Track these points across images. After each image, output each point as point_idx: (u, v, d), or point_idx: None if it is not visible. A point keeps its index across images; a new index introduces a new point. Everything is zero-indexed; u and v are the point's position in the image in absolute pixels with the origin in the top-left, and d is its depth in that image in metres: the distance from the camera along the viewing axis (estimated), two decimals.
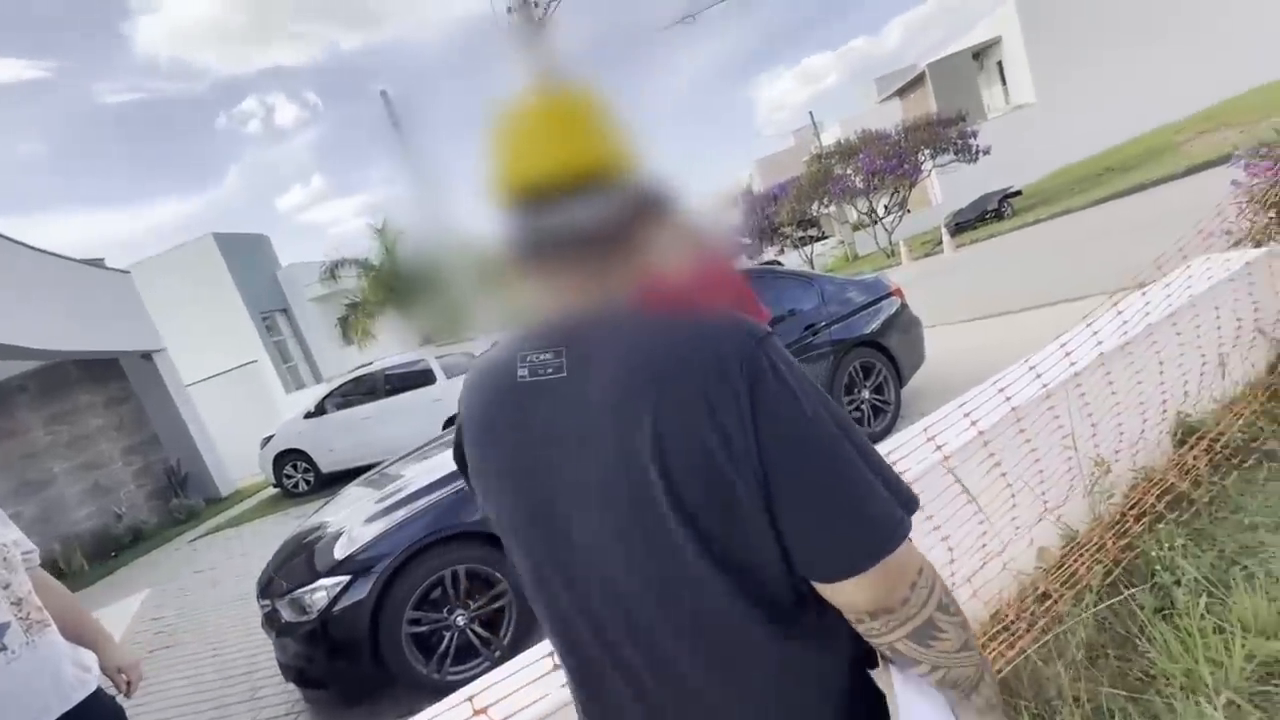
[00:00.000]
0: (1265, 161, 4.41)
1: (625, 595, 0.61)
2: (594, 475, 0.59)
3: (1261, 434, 2.32)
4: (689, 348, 0.57)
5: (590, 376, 0.60)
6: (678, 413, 0.54)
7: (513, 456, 0.66)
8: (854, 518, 0.55)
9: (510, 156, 0.63)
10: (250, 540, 7.06)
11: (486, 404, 0.70)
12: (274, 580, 2.86)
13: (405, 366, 7.89)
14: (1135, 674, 1.61)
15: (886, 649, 0.61)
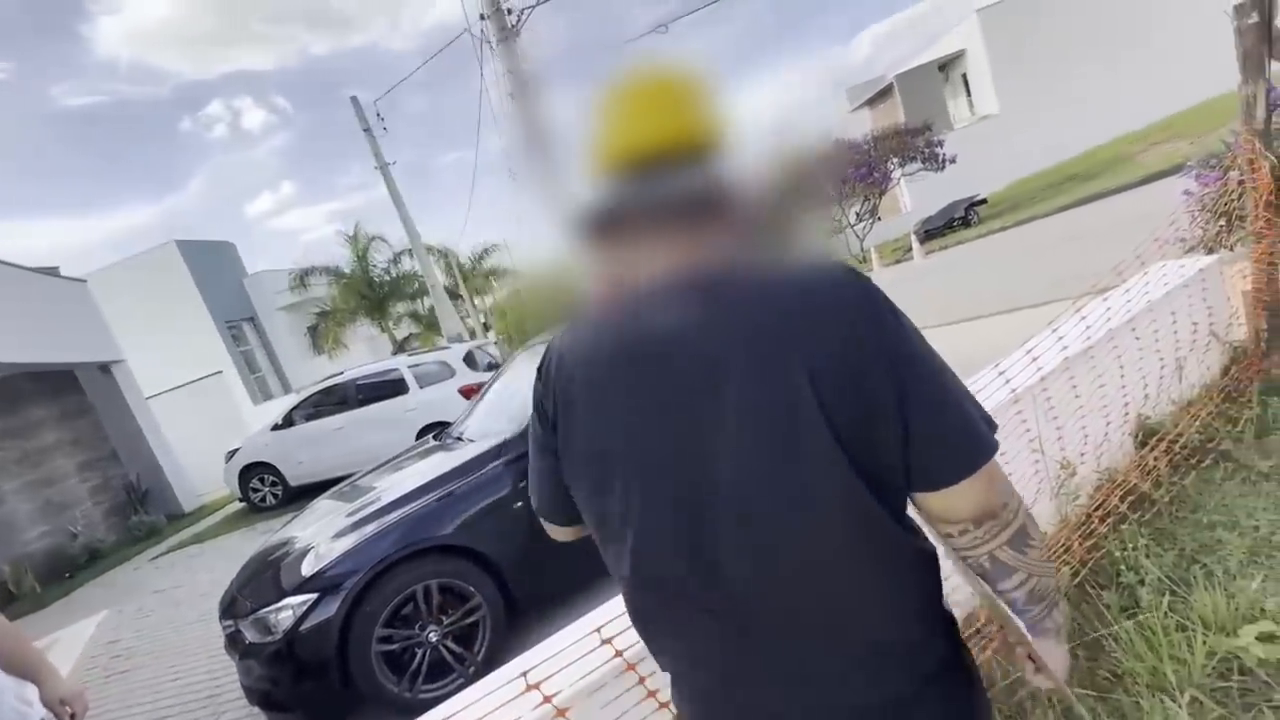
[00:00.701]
0: (1215, 172, 4.60)
1: (769, 523, 0.64)
2: (746, 414, 0.63)
3: (1217, 435, 2.39)
4: (821, 292, 0.64)
5: (726, 324, 0.64)
6: (827, 349, 0.61)
7: (643, 409, 0.67)
8: (964, 428, 0.65)
9: (627, 126, 0.69)
10: (214, 557, 6.82)
11: (605, 364, 0.70)
12: (237, 600, 2.76)
13: (377, 376, 7.74)
14: (1103, 673, 1.64)
15: (986, 559, 0.69)
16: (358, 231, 17.70)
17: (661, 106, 0.69)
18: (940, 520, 0.69)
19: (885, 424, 0.62)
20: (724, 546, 0.65)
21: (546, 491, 0.83)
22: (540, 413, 0.78)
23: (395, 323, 19.00)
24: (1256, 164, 2.50)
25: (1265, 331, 2.67)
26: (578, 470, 0.74)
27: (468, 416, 3.98)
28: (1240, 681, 1.48)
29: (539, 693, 1.06)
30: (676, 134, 0.67)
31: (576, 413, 0.72)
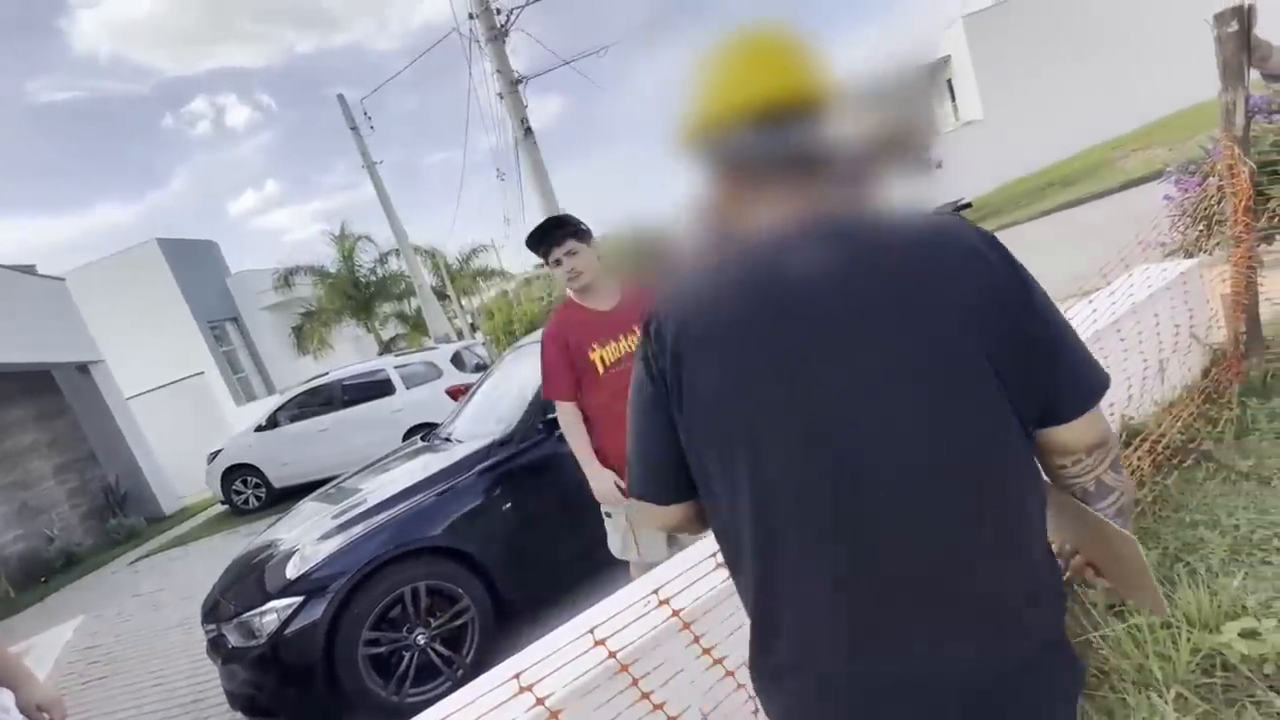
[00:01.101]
0: (1194, 177, 4.69)
1: (932, 470, 0.64)
2: (905, 358, 0.64)
3: (1199, 435, 2.44)
4: (953, 239, 0.67)
5: (868, 271, 0.65)
6: (973, 292, 0.64)
7: (788, 358, 0.66)
8: (1087, 364, 0.70)
9: (752, 78, 0.69)
10: (196, 560, 6.71)
11: (739, 315, 0.68)
12: (220, 603, 2.71)
13: (363, 376, 7.66)
14: (1091, 671, 1.66)
15: (1092, 483, 0.75)
16: (344, 231, 17.53)
17: (783, 61, 0.71)
18: (1060, 453, 0.73)
19: (1029, 362, 0.66)
20: (877, 499, 0.65)
21: (657, 458, 0.75)
22: (653, 373, 0.73)
23: (381, 323, 18.83)
24: (1235, 169, 2.55)
25: (1244, 334, 2.72)
26: (706, 429, 0.69)
27: (456, 417, 3.95)
28: (1224, 678, 1.51)
29: (532, 694, 1.05)
30: (798, 88, 0.69)
31: (706, 367, 0.68)
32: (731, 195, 0.72)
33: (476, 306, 24.13)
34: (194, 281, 17.35)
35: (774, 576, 0.70)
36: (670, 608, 1.17)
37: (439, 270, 21.37)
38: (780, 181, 0.70)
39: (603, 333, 2.11)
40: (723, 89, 0.71)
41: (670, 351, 0.70)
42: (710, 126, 0.71)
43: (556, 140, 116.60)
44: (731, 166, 0.72)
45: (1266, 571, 1.78)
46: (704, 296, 0.70)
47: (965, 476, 0.65)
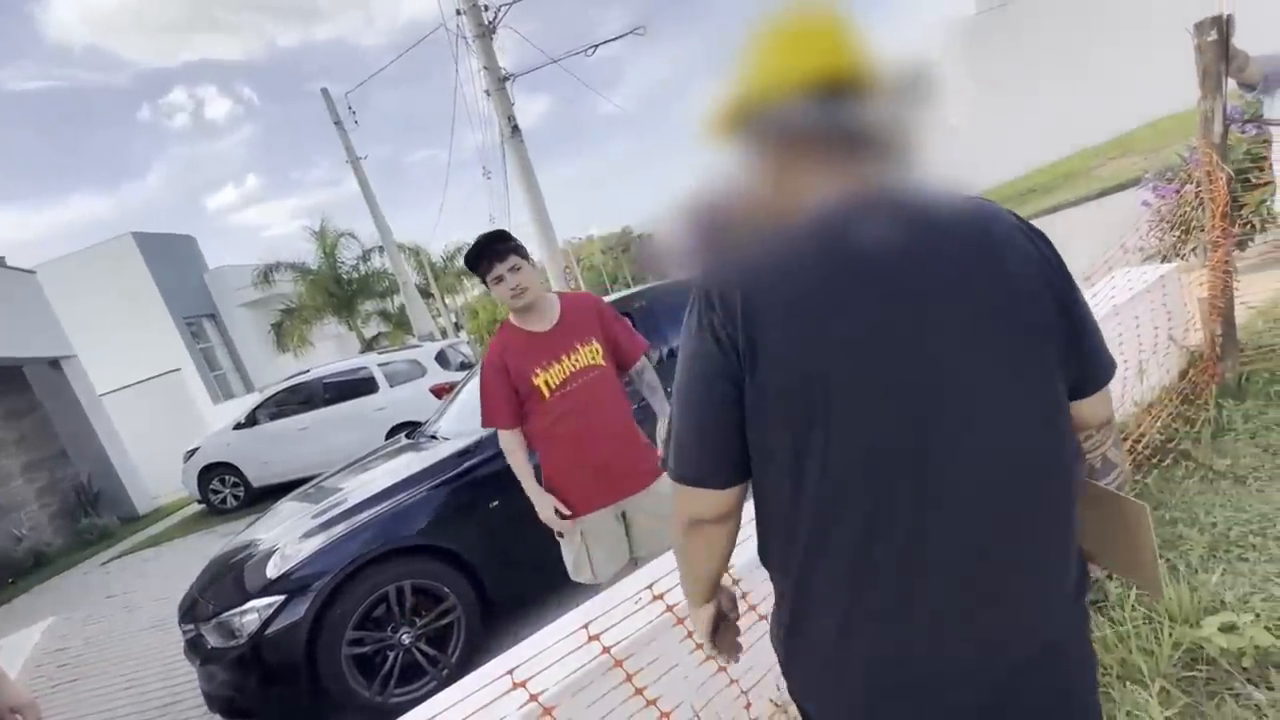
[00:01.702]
0: (1171, 185, 4.80)
1: (1000, 433, 0.67)
2: (975, 326, 0.66)
3: (1177, 435, 2.49)
4: (1003, 218, 0.72)
5: (933, 242, 0.68)
6: (1030, 266, 0.69)
7: (868, 325, 0.66)
8: (1104, 346, 0.77)
9: (813, 52, 0.71)
10: (171, 561, 6.56)
11: (815, 282, 0.67)
12: (198, 602, 2.65)
13: (346, 374, 7.55)
14: None
15: (1099, 459, 0.81)
16: (325, 227, 17.29)
17: (836, 36, 0.72)
18: (1078, 429, 0.78)
19: (1069, 337, 0.71)
20: (955, 472, 0.66)
21: (722, 433, 0.71)
22: (720, 340, 0.69)
23: (364, 321, 18.60)
24: (1214, 175, 2.61)
25: (1220, 337, 2.78)
26: (780, 393, 0.67)
27: (441, 415, 3.91)
28: (1205, 671, 1.54)
29: (525, 690, 1.03)
30: (850, 63, 0.70)
31: (782, 332, 0.66)
32: (786, 168, 0.73)
33: (460, 305, 23.95)
34: (170, 277, 17.00)
35: (834, 546, 0.69)
36: (665, 603, 1.17)
37: (423, 268, 21.18)
38: (833, 155, 0.71)
39: (545, 355, 2.04)
40: (778, 63, 0.72)
41: (741, 316, 0.67)
42: (764, 100, 0.72)
43: (543, 140, 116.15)
44: (787, 140, 0.72)
45: (1243, 568, 1.82)
46: (773, 264, 0.69)
47: (1035, 456, 0.69)
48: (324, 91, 11.86)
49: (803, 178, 0.71)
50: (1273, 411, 2.52)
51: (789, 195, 0.72)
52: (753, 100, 0.73)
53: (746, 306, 0.67)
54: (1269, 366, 2.82)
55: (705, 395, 0.71)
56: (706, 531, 0.80)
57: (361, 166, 12.19)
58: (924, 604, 0.68)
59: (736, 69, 0.74)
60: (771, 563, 0.78)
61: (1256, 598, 1.69)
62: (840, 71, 0.70)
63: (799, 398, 0.66)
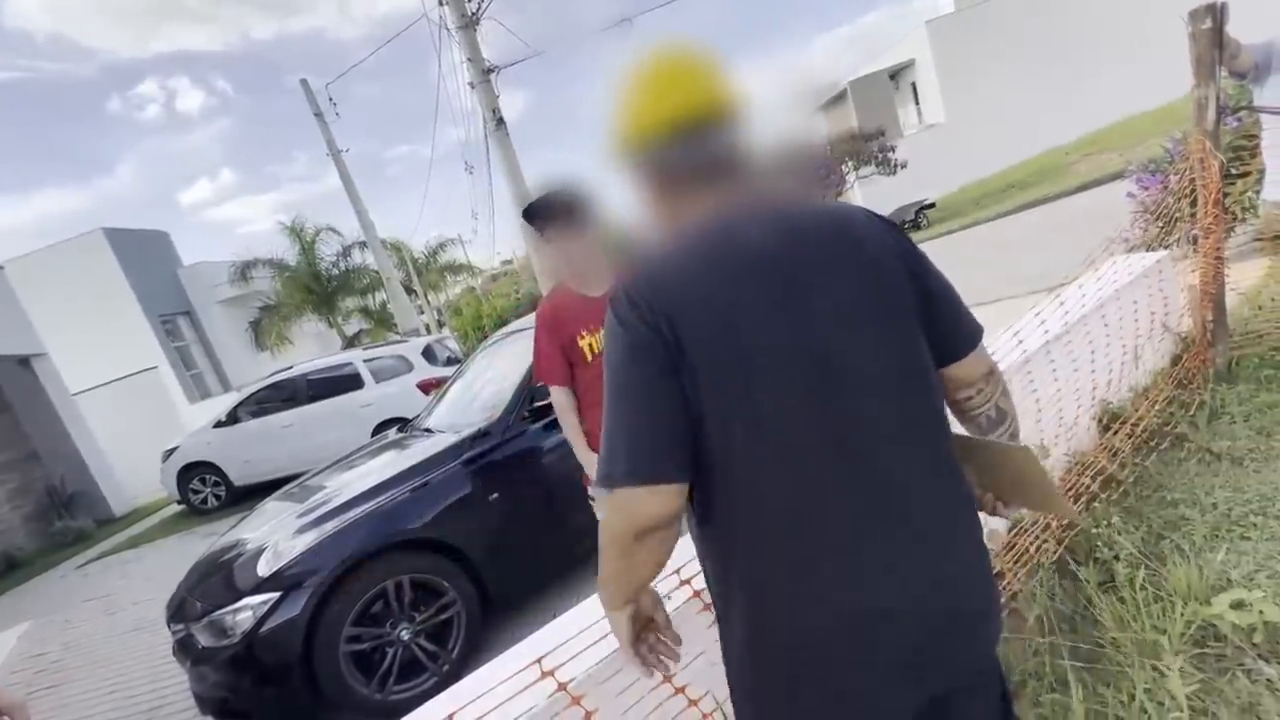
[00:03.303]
0: (1155, 176, 4.88)
1: (883, 387, 0.77)
2: (853, 303, 0.77)
3: (1173, 419, 2.52)
4: (866, 218, 0.84)
5: (806, 239, 0.79)
6: (894, 255, 0.81)
7: (769, 302, 0.75)
8: (969, 315, 0.89)
9: (673, 96, 0.80)
10: (152, 562, 6.40)
11: (717, 279, 0.76)
12: (187, 602, 2.57)
13: (330, 371, 7.41)
14: (1087, 645, 1.69)
15: (993, 409, 0.92)
16: (303, 223, 16.97)
17: (693, 78, 0.81)
18: (965, 386, 0.90)
19: (932, 312, 0.82)
20: (867, 419, 0.76)
21: (673, 428, 0.73)
22: (653, 330, 0.74)
23: (345, 318, 18.31)
24: (1207, 163, 2.64)
25: (1211, 323, 2.83)
26: (713, 370, 0.73)
27: (433, 409, 3.84)
28: (1216, 648, 1.55)
29: (554, 679, 1.00)
30: (712, 102, 0.80)
31: (700, 320, 0.74)
32: (663, 198, 0.84)
33: (443, 302, 23.71)
34: (143, 273, 16.55)
35: (795, 518, 0.75)
36: (692, 588, 1.14)
37: (405, 264, 20.91)
38: (703, 186, 0.81)
39: (593, 319, 2.04)
40: (640, 107, 0.82)
41: (663, 308, 0.74)
42: (633, 142, 0.82)
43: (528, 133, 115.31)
44: (659, 176, 0.83)
45: (1246, 546, 1.84)
46: (677, 266, 0.78)
47: (913, 407, 0.79)
48: (304, 83, 11.62)
49: (679, 205, 0.82)
50: (1264, 395, 2.56)
51: (673, 215, 0.84)
52: (630, 141, 0.83)
53: (664, 300, 0.75)
54: (1258, 351, 2.87)
55: (653, 384, 0.74)
56: (658, 536, 0.77)
57: (342, 159, 11.97)
58: (850, 551, 0.75)
59: (613, 112, 0.84)
60: (712, 529, 0.81)
61: (1261, 575, 1.71)
62: (702, 109, 0.79)
63: (722, 374, 0.73)
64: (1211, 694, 1.45)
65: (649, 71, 0.82)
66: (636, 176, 0.85)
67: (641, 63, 0.82)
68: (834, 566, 0.75)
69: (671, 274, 0.77)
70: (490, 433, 2.91)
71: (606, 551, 0.81)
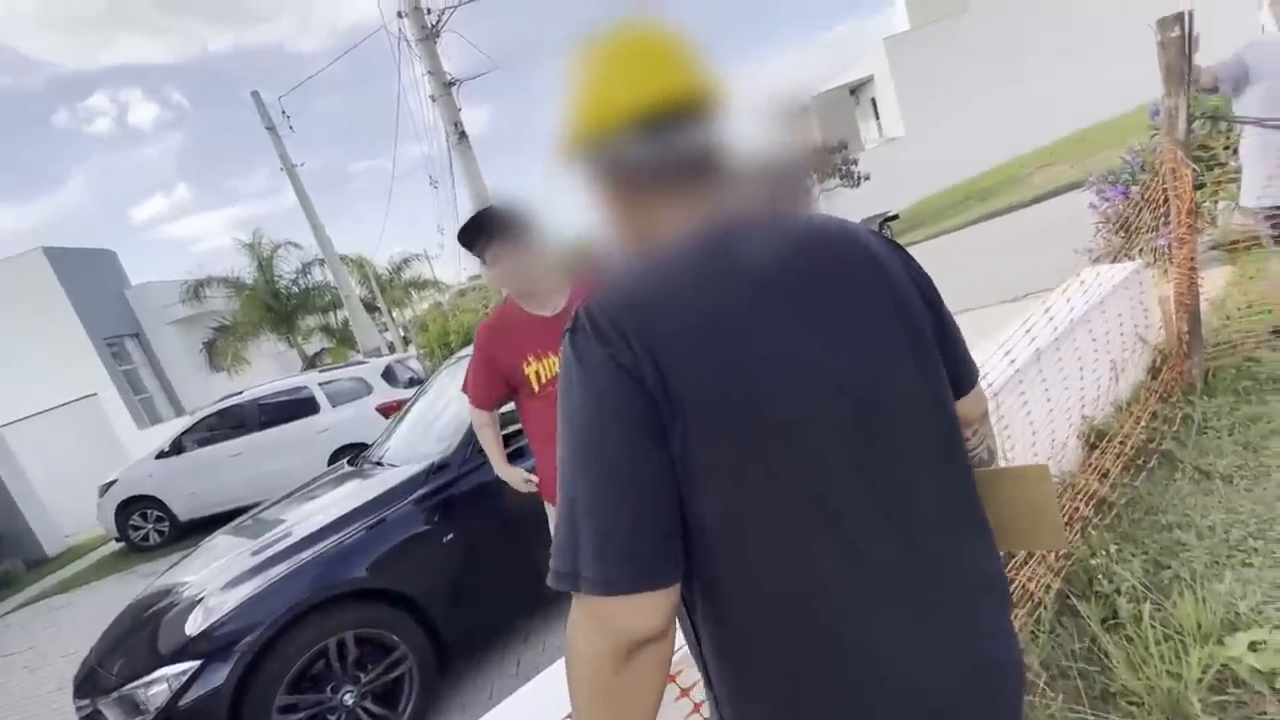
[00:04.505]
0: (1116, 187, 4.93)
1: (918, 439, 0.66)
2: (896, 343, 0.66)
3: (1159, 435, 2.44)
4: (873, 236, 0.72)
5: (816, 261, 0.65)
6: (907, 278, 0.71)
7: (787, 340, 0.60)
8: (967, 348, 0.81)
9: (641, 80, 0.64)
10: (85, 609, 5.92)
11: (719, 302, 0.60)
12: (97, 672, 2.27)
13: (283, 395, 7.02)
14: (1095, 690, 1.55)
15: (985, 450, 0.87)
16: (261, 239, 16.38)
17: (665, 61, 0.65)
18: (967, 423, 0.81)
19: (943, 341, 0.73)
20: (915, 481, 0.64)
21: (659, 497, 0.56)
22: (628, 374, 0.56)
23: (305, 337, 17.69)
24: (1180, 173, 2.60)
25: (1187, 334, 2.78)
26: (707, 418, 0.56)
27: (388, 438, 3.59)
28: (1235, 695, 1.43)
29: None
30: (687, 89, 0.64)
31: (696, 354, 0.57)
32: (629, 202, 0.67)
33: (409, 319, 23.16)
34: (88, 294, 15.74)
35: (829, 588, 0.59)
36: (679, 686, 0.96)
37: (368, 281, 20.37)
38: (677, 188, 0.65)
39: (540, 343, 1.88)
40: (602, 92, 0.65)
41: (641, 342, 0.56)
42: (593, 132, 0.65)
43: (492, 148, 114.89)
44: (624, 175, 0.66)
45: (1250, 574, 1.74)
46: (664, 287, 0.61)
47: (947, 443, 0.69)
48: (255, 95, 11.21)
49: (654, 206, 0.66)
50: (1245, 408, 2.50)
51: (642, 224, 0.67)
52: (589, 132, 0.66)
53: (646, 330, 0.57)
54: (1233, 362, 2.84)
55: (632, 445, 0.56)
56: (653, 653, 0.57)
57: (297, 174, 11.57)
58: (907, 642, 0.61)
59: (568, 100, 0.68)
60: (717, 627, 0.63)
61: (1270, 608, 1.61)
62: (675, 96, 0.63)
63: (729, 426, 0.57)
64: None
65: (612, 51, 0.66)
66: (597, 175, 0.67)
67: (603, 41, 0.67)
68: (889, 658, 0.60)
69: (654, 295, 0.60)
70: (447, 465, 2.68)
71: (580, 686, 0.58)
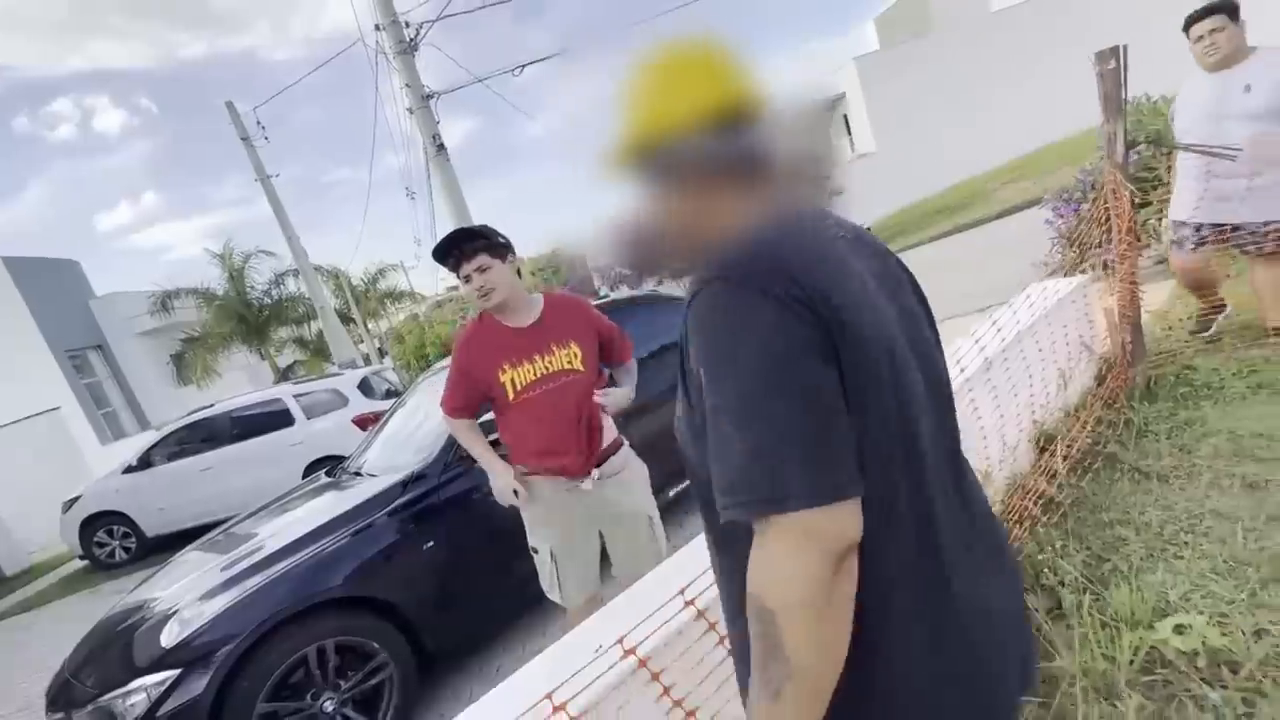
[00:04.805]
0: (1070, 205, 5.18)
1: (951, 416, 0.78)
2: (916, 322, 0.76)
3: (1103, 438, 2.60)
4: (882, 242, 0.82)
5: (869, 251, 0.76)
6: (912, 283, 0.81)
7: (885, 303, 0.70)
8: None
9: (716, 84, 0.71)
10: (47, 628, 5.75)
11: (847, 277, 0.66)
12: (72, 684, 2.26)
13: (256, 407, 6.94)
14: (1040, 676, 1.66)
15: None
16: (232, 249, 16.14)
17: (726, 69, 0.72)
18: None
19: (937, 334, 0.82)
20: (950, 426, 0.77)
21: (841, 426, 0.60)
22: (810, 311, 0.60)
23: (277, 349, 17.41)
24: (1119, 194, 2.79)
25: (1129, 344, 2.96)
26: (864, 367, 0.63)
27: (366, 449, 3.61)
28: (1163, 674, 1.55)
29: (565, 714, 0.95)
30: (742, 94, 0.71)
31: (855, 307, 0.63)
32: (707, 194, 0.72)
33: (385, 330, 22.93)
34: (50, 305, 15.30)
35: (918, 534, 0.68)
36: (697, 607, 1.06)
37: (343, 292, 20.16)
38: (745, 184, 0.71)
39: (516, 352, 1.97)
40: (683, 91, 0.71)
41: (816, 286, 0.61)
42: (674, 129, 0.70)
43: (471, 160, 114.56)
44: (704, 168, 0.71)
45: (1180, 566, 1.88)
46: (800, 240, 0.67)
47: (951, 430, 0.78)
48: (229, 105, 11.11)
49: (728, 198, 0.71)
50: (1183, 412, 2.68)
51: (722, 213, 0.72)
52: (653, 136, 0.71)
53: (803, 271, 0.62)
54: (1173, 370, 3.03)
55: (818, 372, 0.59)
56: (853, 563, 0.60)
57: (272, 185, 11.47)
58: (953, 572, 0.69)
59: (629, 105, 0.74)
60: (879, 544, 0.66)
61: (1197, 595, 1.74)
62: (732, 102, 0.70)
63: (873, 365, 0.63)
64: None
65: (687, 57, 0.73)
66: (671, 172, 0.72)
67: (675, 49, 0.74)
68: (963, 586, 0.70)
69: (790, 247, 0.64)
70: (426, 474, 2.73)
71: (793, 615, 0.57)
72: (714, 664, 1.12)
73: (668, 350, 3.85)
